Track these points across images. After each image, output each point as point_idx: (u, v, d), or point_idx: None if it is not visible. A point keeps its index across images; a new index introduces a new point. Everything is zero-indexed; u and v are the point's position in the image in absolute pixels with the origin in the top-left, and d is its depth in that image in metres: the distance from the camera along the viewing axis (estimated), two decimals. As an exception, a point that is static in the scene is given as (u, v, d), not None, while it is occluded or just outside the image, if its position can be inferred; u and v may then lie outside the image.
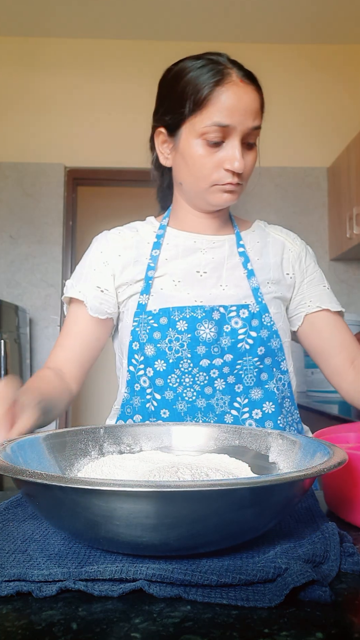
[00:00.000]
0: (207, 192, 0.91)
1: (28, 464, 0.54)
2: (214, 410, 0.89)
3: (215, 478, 0.51)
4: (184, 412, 0.88)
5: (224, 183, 0.88)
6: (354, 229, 2.65)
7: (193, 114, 0.87)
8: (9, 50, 3.24)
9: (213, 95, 0.85)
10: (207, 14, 2.98)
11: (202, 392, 0.89)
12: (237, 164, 0.85)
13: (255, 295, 0.93)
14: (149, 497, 0.38)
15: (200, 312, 0.89)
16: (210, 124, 0.85)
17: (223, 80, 0.85)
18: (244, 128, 0.86)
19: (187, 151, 0.89)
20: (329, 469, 0.43)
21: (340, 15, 2.96)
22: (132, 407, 0.92)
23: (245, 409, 0.90)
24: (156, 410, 0.89)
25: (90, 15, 3.01)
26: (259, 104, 0.88)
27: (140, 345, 0.91)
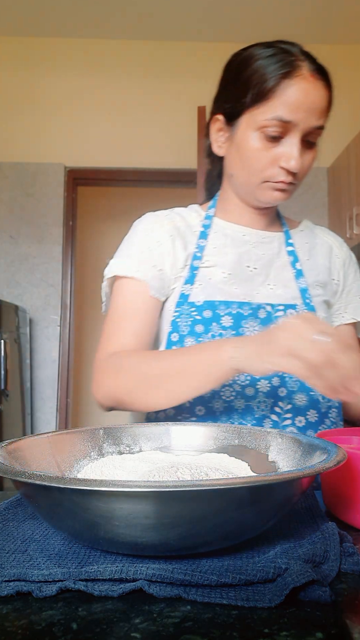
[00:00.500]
0: (257, 187, 0.86)
1: (27, 465, 0.54)
2: (253, 413, 0.84)
3: (215, 477, 0.51)
4: (220, 412, 0.84)
5: (276, 180, 0.84)
6: (354, 229, 2.65)
7: (255, 104, 0.82)
8: (9, 50, 3.24)
9: (279, 87, 0.79)
10: (207, 14, 2.98)
11: (242, 392, 0.84)
12: (294, 163, 0.81)
13: (304, 297, 0.90)
14: (148, 497, 0.38)
15: (247, 308, 0.86)
16: (271, 117, 0.80)
17: (292, 73, 0.79)
18: (306, 126, 0.81)
19: (243, 143, 0.84)
20: (328, 467, 0.43)
21: (340, 15, 2.96)
22: None
23: (288, 415, 0.85)
24: (191, 407, 0.85)
25: (90, 15, 3.01)
26: (327, 103, 0.83)
27: (180, 337, 0.86)
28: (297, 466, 0.55)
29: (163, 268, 0.88)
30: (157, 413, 0.89)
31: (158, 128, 3.19)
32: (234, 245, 0.91)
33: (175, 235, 0.90)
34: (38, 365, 3.15)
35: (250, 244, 0.92)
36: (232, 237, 0.92)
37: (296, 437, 0.59)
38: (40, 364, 3.15)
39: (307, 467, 0.43)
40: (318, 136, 0.84)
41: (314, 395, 0.86)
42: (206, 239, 0.92)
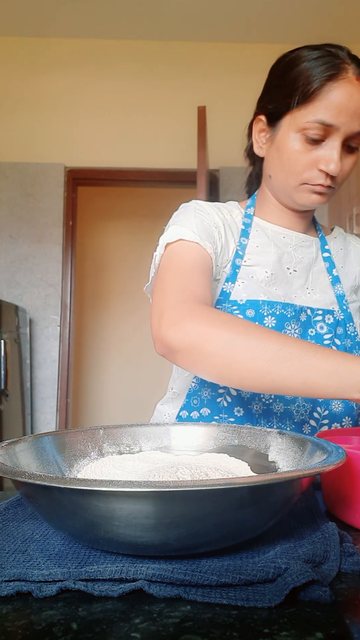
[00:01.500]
0: (295, 189, 0.86)
1: (27, 466, 0.54)
2: (293, 417, 0.83)
3: (215, 477, 0.51)
4: (259, 414, 0.83)
5: (314, 183, 0.83)
6: (354, 229, 2.65)
7: (298, 106, 0.82)
8: (9, 50, 3.25)
9: (323, 90, 0.79)
10: (207, 14, 2.98)
11: (281, 395, 0.82)
12: (334, 166, 0.80)
13: (340, 303, 0.89)
14: (148, 498, 0.38)
15: (291, 310, 0.85)
16: (313, 120, 0.80)
17: (337, 76, 0.79)
18: (348, 130, 0.80)
19: (283, 144, 0.84)
20: (328, 467, 0.43)
21: (340, 15, 2.96)
22: (200, 399, 0.86)
23: (325, 421, 0.85)
24: (229, 407, 0.84)
25: (91, 15, 3.01)
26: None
27: None
28: (297, 466, 0.55)
29: (215, 244, 0.86)
30: (191, 412, 0.86)
31: (158, 128, 3.19)
32: (275, 245, 0.90)
33: (226, 224, 0.90)
34: (38, 365, 3.15)
35: (290, 246, 0.91)
36: (273, 238, 0.91)
37: (296, 437, 0.59)
38: (40, 364, 3.15)
39: (307, 467, 0.43)
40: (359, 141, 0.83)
41: (349, 402, 0.85)
42: (247, 237, 0.91)
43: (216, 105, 3.06)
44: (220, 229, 0.88)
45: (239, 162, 1.02)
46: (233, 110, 3.22)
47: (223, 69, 3.22)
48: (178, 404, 0.90)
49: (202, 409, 0.86)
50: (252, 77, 3.44)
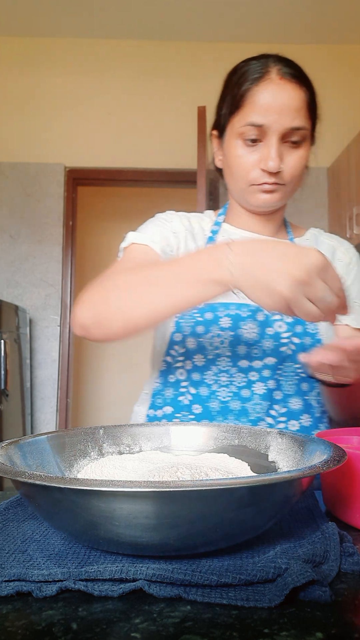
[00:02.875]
0: (246, 192, 0.90)
1: (27, 466, 0.54)
2: (248, 414, 0.85)
3: (215, 477, 0.51)
4: (216, 412, 0.86)
5: (260, 183, 0.87)
6: (354, 229, 2.65)
7: (233, 114, 0.87)
8: (9, 50, 3.25)
9: (249, 94, 0.84)
10: (207, 14, 2.98)
11: (238, 393, 0.86)
12: (272, 163, 0.83)
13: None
14: (148, 498, 0.38)
15: (246, 310, 0.87)
16: (245, 123, 0.84)
17: (261, 78, 0.84)
18: (280, 127, 0.83)
19: (228, 152, 0.89)
20: (328, 467, 0.43)
21: (340, 16, 2.96)
22: (164, 398, 0.90)
23: (282, 419, 0.86)
24: (189, 405, 0.87)
25: (91, 15, 3.01)
26: (302, 103, 0.85)
27: (182, 337, 0.88)
28: (297, 466, 0.55)
29: (173, 253, 0.90)
30: (156, 410, 0.90)
31: (158, 128, 3.18)
32: None
33: (189, 232, 0.94)
34: (38, 365, 3.15)
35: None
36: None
37: (296, 437, 0.59)
38: (40, 364, 3.15)
39: (307, 467, 0.43)
40: (302, 136, 0.86)
41: (309, 400, 0.88)
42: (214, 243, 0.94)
43: (216, 105, 3.06)
44: (179, 234, 0.92)
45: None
46: (233, 110, 3.23)
47: (223, 69, 3.21)
48: (147, 404, 0.94)
49: (165, 407, 0.89)
50: (252, 77, 3.43)
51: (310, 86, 0.88)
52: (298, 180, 0.90)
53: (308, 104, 0.86)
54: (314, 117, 0.90)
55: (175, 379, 0.90)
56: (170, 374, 0.90)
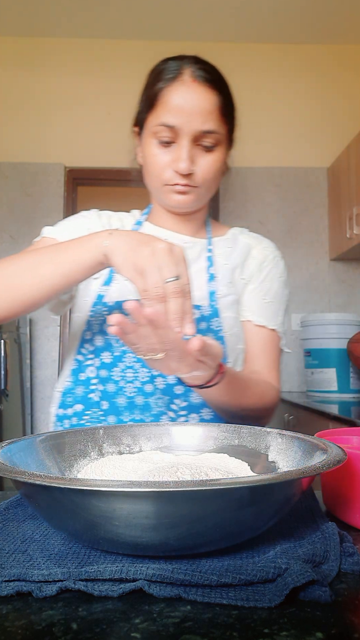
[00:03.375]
0: (160, 191, 0.91)
1: (27, 466, 0.54)
2: (151, 409, 0.87)
3: (215, 477, 0.51)
4: (123, 407, 0.87)
5: (172, 184, 0.88)
6: (354, 229, 2.65)
7: (147, 113, 0.88)
8: (9, 50, 3.25)
9: (162, 94, 0.85)
10: (207, 14, 2.98)
11: (142, 389, 0.88)
12: (182, 165, 0.84)
13: (210, 299, 0.92)
14: (148, 498, 0.38)
15: None
16: (158, 123, 0.85)
17: (174, 80, 0.85)
18: (192, 130, 0.84)
19: (145, 150, 0.90)
20: (328, 467, 0.43)
21: (340, 16, 2.96)
22: (74, 396, 0.91)
23: (183, 412, 0.88)
24: (99, 402, 0.89)
25: (90, 15, 3.01)
26: (214, 107, 0.85)
27: (92, 335, 0.90)
28: (297, 466, 0.55)
29: None
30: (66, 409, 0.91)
31: (158, 128, 3.18)
32: None
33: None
34: (38, 365, 3.15)
35: None
36: None
37: (296, 437, 0.59)
38: (40, 364, 3.15)
39: (307, 467, 0.43)
40: (215, 140, 0.87)
41: None
42: None
43: (216, 105, 3.06)
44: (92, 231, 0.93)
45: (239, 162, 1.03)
46: (233, 110, 3.23)
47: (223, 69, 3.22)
48: (57, 402, 0.94)
49: (75, 405, 0.90)
50: (252, 77, 3.45)
51: (225, 90, 0.89)
52: (212, 183, 0.91)
53: (221, 107, 0.86)
54: (230, 121, 0.90)
55: (86, 376, 0.91)
56: (81, 372, 0.91)
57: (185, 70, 0.85)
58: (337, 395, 2.61)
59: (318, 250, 3.12)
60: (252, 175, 3.15)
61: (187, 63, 0.86)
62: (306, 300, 3.10)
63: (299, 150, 3.18)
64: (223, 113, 0.87)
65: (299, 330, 3.00)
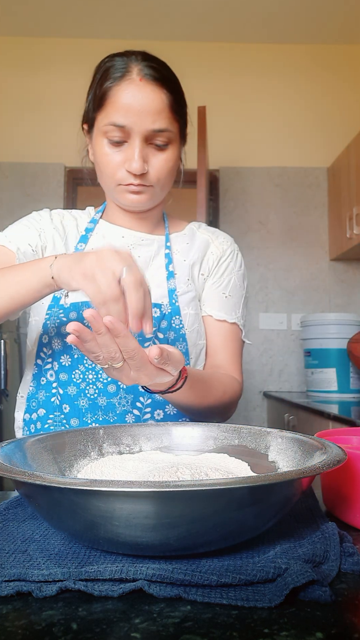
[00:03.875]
0: (114, 191, 0.91)
1: (27, 466, 0.54)
2: (115, 409, 0.87)
3: (215, 477, 0.51)
4: (85, 409, 0.87)
5: (126, 183, 0.87)
6: (354, 229, 2.65)
7: (96, 112, 0.87)
8: (9, 50, 3.24)
9: (111, 93, 0.84)
10: (207, 14, 2.98)
11: (104, 389, 0.87)
12: (135, 165, 0.84)
13: (170, 297, 0.92)
14: (148, 498, 0.38)
15: None
16: (107, 123, 0.84)
17: (122, 78, 0.83)
18: (142, 129, 0.83)
19: (95, 149, 0.89)
20: (328, 467, 0.43)
21: (340, 15, 2.96)
22: (37, 401, 0.91)
23: (148, 409, 0.88)
24: (60, 405, 0.89)
25: (91, 15, 3.01)
26: (164, 105, 0.84)
27: (49, 338, 0.90)
28: (297, 466, 0.55)
29: (36, 250, 0.92)
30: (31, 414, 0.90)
31: (158, 128, 3.18)
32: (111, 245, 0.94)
33: (57, 231, 0.95)
34: (38, 365, 3.15)
35: (128, 246, 0.95)
36: (110, 239, 0.95)
37: (296, 437, 0.59)
38: (40, 364, 3.15)
39: (307, 467, 0.43)
40: (167, 138, 0.86)
41: None
42: (86, 242, 0.95)
43: (216, 105, 3.06)
44: (46, 233, 0.94)
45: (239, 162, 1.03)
46: (233, 110, 3.22)
47: (223, 69, 3.22)
48: (23, 408, 0.94)
49: (39, 409, 0.90)
50: (252, 77, 3.44)
51: (174, 87, 0.87)
52: (166, 181, 0.90)
53: (170, 105, 0.85)
54: (181, 118, 0.89)
55: (46, 380, 0.90)
56: (42, 376, 0.91)
57: (133, 69, 0.84)
58: (337, 395, 2.61)
59: (318, 250, 3.12)
60: (252, 175, 3.15)
61: (135, 60, 0.85)
62: (306, 300, 3.10)
63: (299, 150, 3.18)
64: (173, 111, 0.86)
65: (299, 330, 2.99)
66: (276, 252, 3.07)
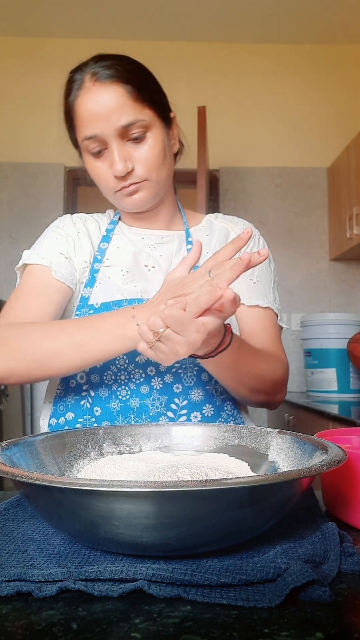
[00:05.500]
0: (114, 199, 0.91)
1: (27, 466, 0.54)
2: (148, 411, 0.85)
3: (215, 477, 0.51)
4: (117, 412, 0.86)
5: (120, 188, 0.87)
6: (354, 229, 2.65)
7: (71, 132, 0.88)
8: (9, 50, 3.24)
9: (73, 109, 0.84)
10: (207, 14, 2.98)
11: (137, 390, 0.86)
12: (117, 167, 0.83)
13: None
14: (148, 498, 0.38)
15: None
16: (82, 139, 0.85)
17: (78, 90, 0.83)
18: (111, 131, 0.82)
19: (86, 166, 0.90)
20: (328, 467, 0.43)
21: (340, 15, 2.96)
22: (66, 404, 0.89)
23: (183, 411, 0.86)
24: (90, 408, 0.87)
25: (90, 15, 3.01)
26: (124, 98, 0.82)
27: None
28: (297, 466, 0.55)
29: (69, 256, 0.92)
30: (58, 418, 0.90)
31: (158, 128, 3.18)
32: (133, 245, 0.95)
33: (84, 233, 0.95)
34: (38, 365, 3.14)
35: (149, 246, 0.95)
36: (132, 239, 0.95)
37: (296, 437, 0.59)
38: (40, 364, 3.15)
39: (307, 467, 0.43)
40: (142, 127, 0.84)
41: (209, 390, 0.89)
42: (108, 242, 0.95)
43: (216, 106, 3.06)
44: (73, 238, 0.94)
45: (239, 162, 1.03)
46: (233, 110, 3.22)
47: (223, 69, 3.22)
48: (48, 413, 0.93)
49: (67, 413, 0.89)
50: (252, 77, 3.44)
51: (134, 75, 0.84)
52: (159, 168, 0.87)
53: (133, 96, 0.83)
54: (153, 102, 0.86)
55: (76, 383, 0.89)
56: (71, 379, 0.90)
57: (85, 76, 0.83)
58: (337, 395, 2.61)
59: (318, 250, 3.12)
60: (252, 175, 3.15)
61: (86, 67, 0.84)
62: (306, 300, 3.10)
63: (299, 150, 3.18)
64: (138, 99, 0.83)
65: (299, 330, 2.99)
66: (276, 252, 3.07)
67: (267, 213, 3.14)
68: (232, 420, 0.91)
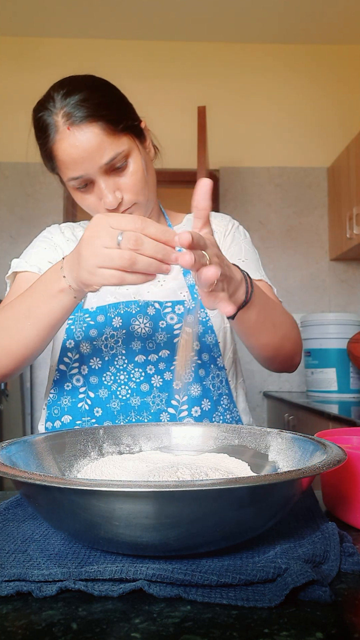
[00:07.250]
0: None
1: (27, 466, 0.54)
2: (149, 408, 0.86)
3: (215, 477, 0.51)
4: (117, 411, 0.87)
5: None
6: (354, 229, 2.65)
7: (53, 170, 0.90)
8: (8, 50, 3.24)
9: (54, 154, 0.85)
10: (207, 14, 2.98)
11: (137, 389, 0.87)
12: (108, 200, 0.83)
13: (191, 291, 0.93)
14: (148, 498, 0.38)
15: (135, 307, 0.89)
16: (67, 179, 0.86)
17: (55, 134, 0.82)
18: (95, 170, 0.82)
19: (75, 199, 0.90)
20: (328, 467, 0.43)
21: (340, 15, 2.96)
22: (61, 408, 0.90)
23: (184, 407, 0.88)
24: (90, 409, 0.88)
25: (90, 15, 3.01)
26: (101, 137, 0.81)
27: (75, 343, 0.90)
28: (297, 466, 0.55)
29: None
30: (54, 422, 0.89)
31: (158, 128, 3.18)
32: None
33: (72, 241, 0.97)
34: (38, 366, 3.15)
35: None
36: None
37: (296, 437, 0.59)
38: (40, 364, 3.15)
39: (307, 467, 0.43)
40: (123, 157, 0.84)
41: (206, 385, 0.90)
42: None
43: (216, 105, 3.06)
44: (62, 246, 0.96)
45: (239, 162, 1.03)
46: (233, 110, 3.22)
47: (223, 69, 3.22)
48: (44, 417, 0.93)
49: (63, 416, 0.89)
50: (252, 77, 3.44)
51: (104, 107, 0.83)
52: (145, 189, 0.88)
53: (108, 132, 0.82)
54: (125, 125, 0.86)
55: (72, 385, 0.89)
56: (66, 382, 0.90)
57: (58, 119, 0.82)
58: (337, 395, 2.61)
59: (318, 250, 3.12)
60: (252, 175, 3.15)
61: (54, 105, 0.82)
62: (306, 300, 3.10)
63: (299, 150, 3.18)
64: (114, 132, 0.83)
65: (299, 330, 2.99)
66: (276, 252, 3.07)
67: (267, 213, 3.13)
68: (229, 414, 0.93)
